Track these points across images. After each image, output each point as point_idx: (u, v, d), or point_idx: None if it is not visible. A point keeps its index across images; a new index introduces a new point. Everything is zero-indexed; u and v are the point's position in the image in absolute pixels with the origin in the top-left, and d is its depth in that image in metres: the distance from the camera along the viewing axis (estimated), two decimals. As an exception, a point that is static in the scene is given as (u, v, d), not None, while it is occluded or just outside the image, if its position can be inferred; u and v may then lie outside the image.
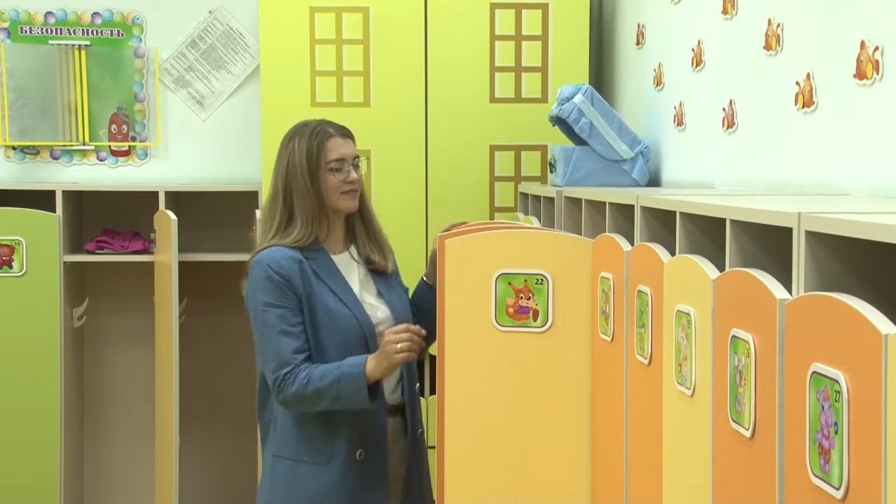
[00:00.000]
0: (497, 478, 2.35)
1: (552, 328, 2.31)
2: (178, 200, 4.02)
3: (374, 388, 2.43)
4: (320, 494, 2.49)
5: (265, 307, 2.47)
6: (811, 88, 2.22)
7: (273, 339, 2.46)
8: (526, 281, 2.32)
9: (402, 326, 2.46)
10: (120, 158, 4.21)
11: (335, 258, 2.58)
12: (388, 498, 2.56)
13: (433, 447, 2.60)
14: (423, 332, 2.47)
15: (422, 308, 2.67)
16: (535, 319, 2.32)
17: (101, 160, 4.21)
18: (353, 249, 2.63)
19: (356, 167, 2.59)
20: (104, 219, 4.15)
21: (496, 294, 2.33)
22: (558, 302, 2.30)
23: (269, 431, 2.59)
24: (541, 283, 2.30)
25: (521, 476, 2.34)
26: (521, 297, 2.32)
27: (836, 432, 1.16)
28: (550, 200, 2.90)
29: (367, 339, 2.52)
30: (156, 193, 3.88)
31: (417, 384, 2.67)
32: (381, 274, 2.64)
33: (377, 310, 2.58)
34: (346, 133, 2.61)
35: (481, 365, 2.36)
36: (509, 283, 2.33)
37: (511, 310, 2.33)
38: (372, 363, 2.42)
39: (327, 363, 2.45)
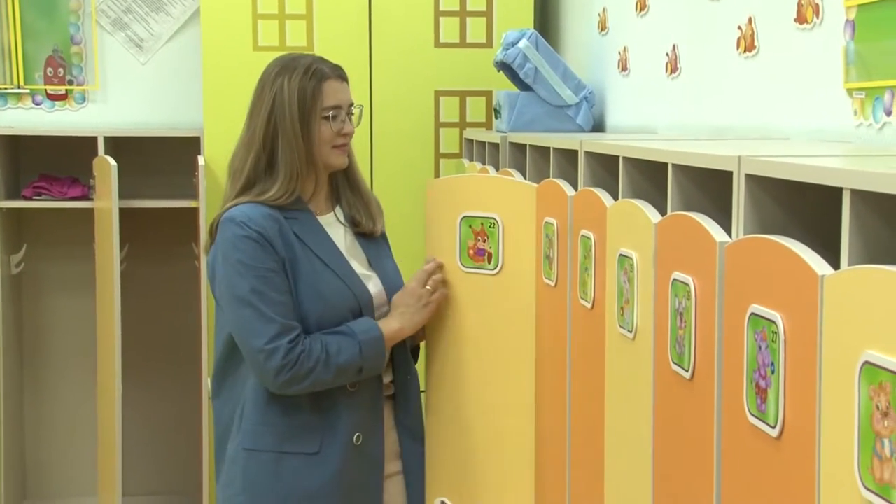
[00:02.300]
0: (465, 415, 2.39)
1: (502, 271, 2.32)
2: (118, 146, 3.94)
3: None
4: (311, 490, 2.19)
5: (243, 270, 2.12)
6: (752, 33, 2.23)
7: (257, 308, 2.11)
8: (482, 223, 2.33)
9: (426, 271, 2.32)
10: (57, 102, 4.12)
11: (320, 219, 2.29)
12: (382, 488, 2.30)
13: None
14: (442, 265, 2.32)
15: None
16: (489, 262, 2.34)
17: (37, 104, 4.12)
18: (338, 210, 2.34)
19: (350, 117, 2.28)
20: (41, 164, 4.06)
21: (460, 235, 2.36)
22: (507, 245, 2.31)
23: (235, 422, 2.24)
24: (493, 227, 2.32)
25: (480, 414, 2.38)
26: (479, 240, 2.34)
27: (773, 372, 1.18)
28: (495, 146, 2.89)
29: (363, 315, 2.25)
30: (94, 139, 3.80)
31: (409, 376, 2.40)
32: (369, 238, 2.37)
33: (369, 281, 2.31)
34: (343, 75, 2.28)
35: (451, 305, 2.39)
36: (470, 226, 2.35)
37: (471, 251, 2.36)
38: (394, 324, 2.26)
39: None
